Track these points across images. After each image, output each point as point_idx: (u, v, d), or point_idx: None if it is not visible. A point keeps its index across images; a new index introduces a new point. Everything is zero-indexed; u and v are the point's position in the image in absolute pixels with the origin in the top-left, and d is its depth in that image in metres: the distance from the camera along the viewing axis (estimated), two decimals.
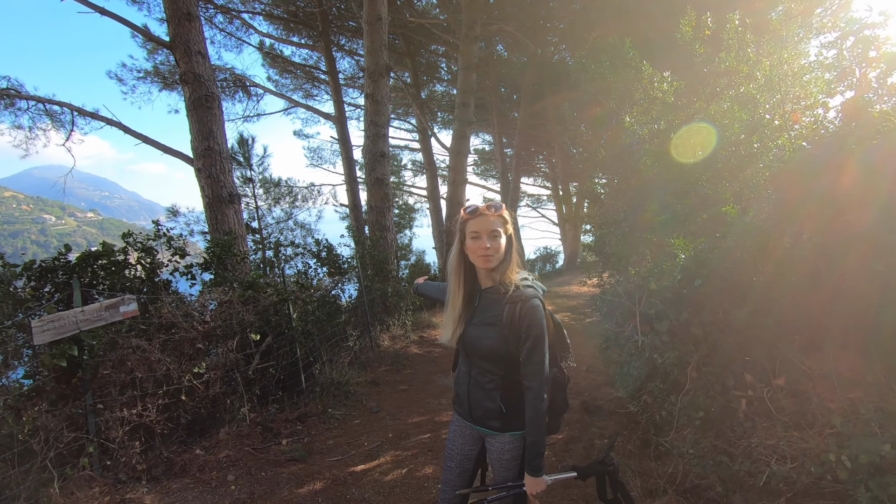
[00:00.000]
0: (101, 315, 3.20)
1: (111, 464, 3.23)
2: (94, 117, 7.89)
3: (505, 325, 1.62)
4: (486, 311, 1.70)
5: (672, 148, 4.32)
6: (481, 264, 1.65)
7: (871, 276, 2.26)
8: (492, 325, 1.66)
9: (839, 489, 1.96)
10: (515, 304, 1.61)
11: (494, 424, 1.72)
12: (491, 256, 1.62)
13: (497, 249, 1.63)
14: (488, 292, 1.71)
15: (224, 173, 6.24)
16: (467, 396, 1.76)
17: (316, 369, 5.29)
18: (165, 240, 4.56)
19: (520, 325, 1.60)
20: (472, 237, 1.64)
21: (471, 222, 1.65)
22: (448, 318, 1.76)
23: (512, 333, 1.62)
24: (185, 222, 10.04)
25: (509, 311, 1.62)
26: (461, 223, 1.70)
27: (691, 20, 4.69)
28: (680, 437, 2.84)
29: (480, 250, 1.62)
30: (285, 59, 15.21)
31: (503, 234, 1.65)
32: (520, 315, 1.60)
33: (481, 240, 1.62)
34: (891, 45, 3.77)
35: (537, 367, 1.59)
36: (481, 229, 1.62)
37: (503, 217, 1.67)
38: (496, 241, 1.63)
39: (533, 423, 1.60)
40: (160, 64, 11.97)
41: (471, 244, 1.65)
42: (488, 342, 1.65)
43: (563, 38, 16.12)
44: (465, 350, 1.76)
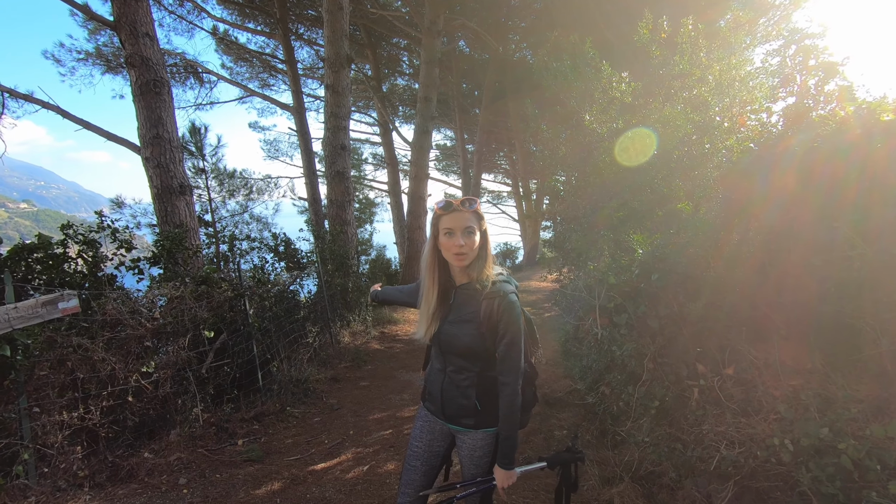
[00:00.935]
0: (38, 312, 2.96)
1: (49, 471, 3.01)
2: (28, 100, 7.30)
3: (482, 321, 1.60)
4: (462, 307, 1.66)
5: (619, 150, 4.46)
6: (455, 262, 1.60)
7: (811, 270, 2.41)
8: (469, 321, 1.63)
9: (783, 471, 2.08)
10: (493, 300, 1.59)
11: (468, 422, 1.70)
12: (465, 255, 1.57)
13: (471, 247, 1.58)
14: (464, 289, 1.67)
15: (174, 163, 5.93)
16: (440, 394, 1.73)
17: (274, 367, 5.14)
18: (110, 232, 4.29)
19: (498, 321, 1.59)
20: (445, 233, 1.59)
21: (444, 218, 1.60)
22: (422, 316, 1.71)
23: (489, 330, 1.60)
24: (131, 214, 9.48)
25: (487, 308, 1.60)
26: (434, 218, 1.65)
27: (648, 23, 4.85)
28: (636, 427, 2.95)
29: (454, 248, 1.57)
30: (240, 46, 14.61)
31: (477, 230, 1.60)
32: (498, 311, 1.58)
33: (455, 237, 1.57)
34: (828, 55, 4.03)
35: (514, 363, 1.59)
36: (455, 226, 1.57)
37: (478, 213, 1.63)
38: (470, 238, 1.57)
39: (508, 419, 1.59)
40: (103, 45, 11.24)
41: (444, 241, 1.59)
42: (465, 339, 1.62)
43: (524, 37, 16.32)
44: (440, 347, 1.72)
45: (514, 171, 24.78)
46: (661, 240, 3.21)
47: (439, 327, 1.68)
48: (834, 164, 2.42)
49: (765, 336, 2.56)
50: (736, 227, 2.82)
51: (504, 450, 1.62)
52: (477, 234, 1.60)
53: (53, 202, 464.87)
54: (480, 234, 1.62)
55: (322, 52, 13.72)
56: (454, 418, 1.72)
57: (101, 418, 3.30)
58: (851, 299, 2.21)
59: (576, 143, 5.38)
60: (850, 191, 2.31)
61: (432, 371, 1.81)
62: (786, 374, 2.39)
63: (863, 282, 2.18)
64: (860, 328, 2.19)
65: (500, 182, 28.91)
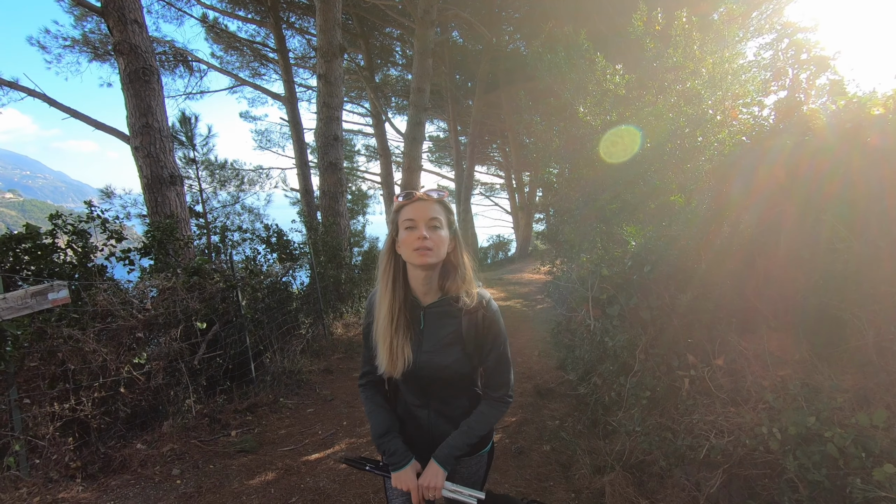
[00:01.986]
0: (27, 303, 2.93)
1: (40, 462, 3.00)
2: (12, 87, 7.16)
3: (467, 339, 1.37)
4: (437, 331, 1.38)
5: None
6: (416, 259, 1.28)
7: (799, 262, 2.44)
8: (451, 344, 1.38)
9: (770, 459, 2.12)
10: (476, 313, 1.37)
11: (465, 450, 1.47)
12: (430, 250, 1.28)
13: (437, 242, 1.29)
14: (435, 309, 1.39)
15: (164, 153, 5.86)
16: (427, 434, 1.45)
17: (267, 358, 5.14)
18: (100, 222, 4.24)
19: (485, 334, 1.38)
20: (406, 227, 1.30)
21: (405, 209, 1.32)
22: (382, 339, 1.37)
23: (476, 347, 1.39)
24: (120, 204, 9.36)
25: (470, 323, 1.37)
26: (394, 212, 1.37)
27: (642, 16, 4.85)
28: (627, 416, 2.99)
29: (415, 241, 1.27)
30: (231, 35, 14.39)
31: (445, 225, 1.33)
32: (483, 324, 1.38)
33: (417, 229, 1.28)
34: (820, 49, 4.06)
35: (505, 376, 1.42)
36: (418, 216, 1.29)
37: (446, 205, 1.36)
38: (436, 232, 1.30)
39: (487, 422, 1.42)
40: (90, 32, 11.02)
41: (404, 236, 1.30)
42: (453, 366, 1.37)
43: (518, 28, 16.25)
44: (418, 382, 1.42)
45: (507, 162, 24.78)
46: (654, 232, 3.24)
47: (413, 360, 1.37)
48: (823, 158, 2.45)
49: (753, 327, 2.60)
50: (726, 220, 2.85)
51: (456, 443, 1.38)
52: (445, 229, 1.33)
53: (40, 192, 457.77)
54: (450, 231, 1.35)
55: (314, 41, 13.56)
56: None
57: (92, 409, 3.29)
58: (838, 291, 2.25)
59: (569, 135, 5.38)
60: (838, 184, 2.35)
61: (409, 410, 1.49)
62: (774, 364, 2.43)
63: (849, 274, 2.22)
64: (846, 320, 2.23)
65: (493, 174, 28.92)
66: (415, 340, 1.39)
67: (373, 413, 1.49)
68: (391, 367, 1.37)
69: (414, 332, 1.39)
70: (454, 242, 1.38)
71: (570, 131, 5.38)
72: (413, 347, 1.38)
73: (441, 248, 1.31)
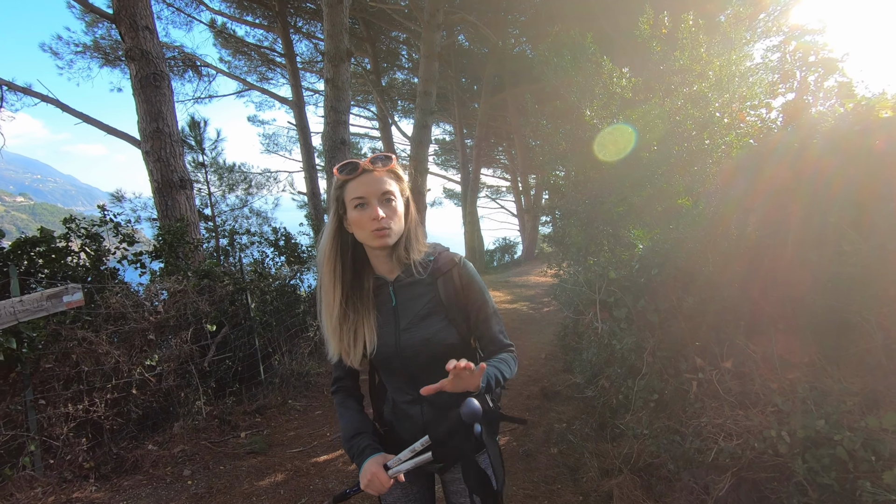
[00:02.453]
0: (43, 305, 2.99)
1: (55, 462, 3.05)
2: (26, 93, 7.29)
3: (448, 305, 1.23)
4: (411, 304, 1.24)
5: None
6: (375, 242, 1.16)
7: (807, 265, 2.44)
8: (430, 314, 1.23)
9: (779, 462, 2.12)
10: (450, 272, 1.24)
11: (467, 447, 1.25)
12: (388, 230, 1.15)
13: (394, 218, 1.17)
14: (402, 281, 1.25)
15: (175, 157, 5.93)
16: (424, 432, 1.22)
17: (275, 360, 5.18)
18: (112, 226, 4.31)
19: (467, 294, 1.24)
20: (355, 206, 1.15)
21: (351, 185, 1.16)
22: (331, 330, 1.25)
23: (459, 311, 1.24)
24: (130, 208, 9.47)
25: (445, 285, 1.23)
26: (335, 188, 1.20)
27: (649, 18, 4.85)
28: (635, 419, 2.99)
29: (371, 222, 1.13)
30: (239, 40, 14.54)
31: (399, 195, 1.20)
32: (461, 282, 1.24)
33: (370, 207, 1.14)
34: (828, 51, 4.05)
35: (501, 334, 1.29)
36: (368, 192, 1.14)
37: (395, 172, 1.21)
38: (391, 206, 1.16)
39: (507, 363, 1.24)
40: (101, 38, 11.20)
41: (355, 216, 1.15)
42: (439, 337, 1.21)
43: (524, 31, 16.27)
44: (405, 369, 1.25)
45: (513, 165, 24.77)
46: (661, 234, 3.24)
47: (395, 342, 1.22)
48: (831, 161, 2.46)
49: (762, 330, 2.60)
50: (733, 222, 2.85)
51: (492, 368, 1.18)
52: (399, 199, 1.19)
53: (50, 195, 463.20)
54: (403, 200, 1.22)
55: (321, 45, 13.68)
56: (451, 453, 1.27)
57: (105, 411, 3.34)
58: (847, 294, 2.25)
59: (576, 137, 5.39)
60: (847, 186, 2.35)
61: (398, 410, 1.32)
62: (783, 367, 2.43)
63: (858, 276, 2.21)
64: (856, 322, 2.22)
65: (499, 177, 28.91)
66: (391, 321, 1.24)
67: (343, 417, 1.34)
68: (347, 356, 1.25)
69: (383, 312, 1.25)
70: (408, 210, 1.24)
71: (577, 134, 5.38)
72: (390, 329, 1.23)
73: (399, 223, 1.19)
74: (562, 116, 5.99)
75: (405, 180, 1.24)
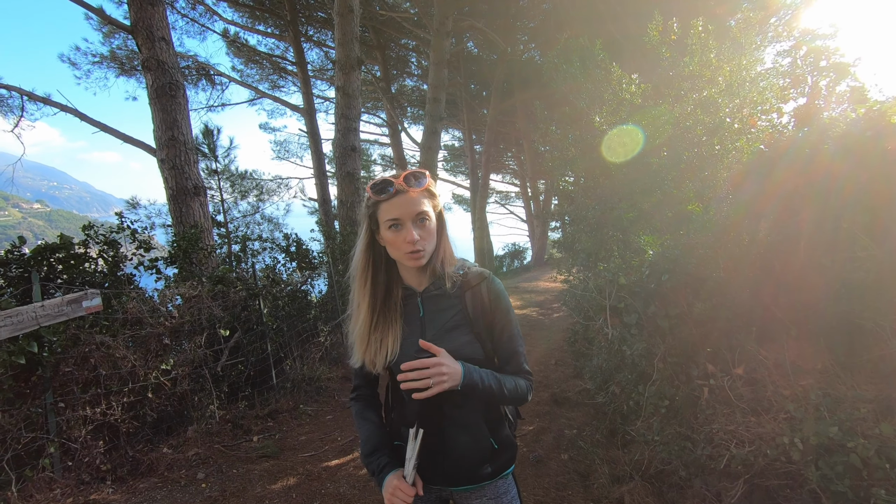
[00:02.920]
0: (63, 310, 3.06)
1: (73, 464, 3.12)
2: (46, 102, 7.47)
3: (474, 319, 1.23)
4: (439, 315, 1.24)
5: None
6: (410, 262, 1.17)
7: (820, 270, 2.43)
8: (457, 326, 1.22)
9: (792, 469, 2.11)
10: (479, 286, 1.24)
11: (486, 471, 1.24)
12: (422, 251, 1.15)
13: (429, 238, 1.17)
14: (430, 292, 1.25)
15: (189, 164, 6.04)
16: (441, 450, 1.23)
17: (287, 365, 5.23)
18: (129, 232, 4.40)
19: (494, 309, 1.24)
20: (390, 226, 1.15)
21: (385, 206, 1.15)
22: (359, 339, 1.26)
23: (485, 326, 1.24)
24: (145, 215, 9.65)
25: (473, 299, 1.23)
26: (369, 206, 1.20)
27: (658, 24, 4.87)
28: (646, 426, 2.98)
29: (407, 245, 1.14)
30: (251, 49, 14.77)
31: (432, 212, 1.18)
32: (489, 297, 1.24)
33: (405, 229, 1.13)
34: (839, 56, 4.04)
35: (522, 359, 1.27)
36: (402, 214, 1.13)
37: (430, 191, 1.19)
38: (426, 227, 1.16)
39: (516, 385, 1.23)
40: (117, 48, 11.47)
41: (390, 236, 1.16)
42: (463, 351, 1.20)
43: (532, 38, 16.33)
44: None
45: (522, 171, 24.78)
46: (671, 240, 3.24)
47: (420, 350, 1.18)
48: (843, 166, 2.45)
49: (774, 336, 2.59)
50: (745, 228, 2.85)
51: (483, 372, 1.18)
52: (432, 219, 1.18)
53: (66, 202, 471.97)
54: (436, 217, 1.21)
55: (332, 53, 13.86)
56: (468, 475, 1.24)
57: (122, 414, 3.40)
58: (860, 299, 2.23)
59: (585, 143, 5.40)
60: (859, 192, 2.34)
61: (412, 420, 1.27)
62: (795, 373, 2.42)
63: (872, 282, 2.20)
64: (869, 328, 2.21)
65: (508, 182, 28.94)
66: (416, 332, 1.23)
67: (361, 428, 1.33)
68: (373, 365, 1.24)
69: (410, 323, 1.25)
70: (440, 225, 1.23)
71: (586, 139, 5.39)
72: (415, 340, 1.20)
73: (432, 242, 1.19)
74: (571, 122, 6.01)
75: (438, 196, 1.23)
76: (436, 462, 1.24)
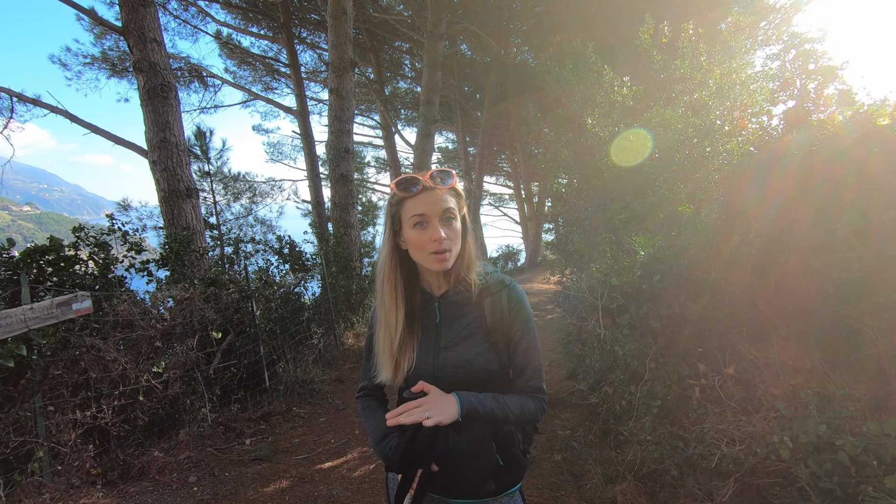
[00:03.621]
0: (52, 313, 3.03)
1: (62, 468, 3.08)
2: (35, 104, 7.39)
3: (492, 327, 1.17)
4: (455, 322, 1.19)
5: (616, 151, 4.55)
6: (435, 265, 1.11)
7: (810, 272, 2.46)
8: (473, 334, 1.17)
9: (782, 467, 2.13)
10: (500, 294, 1.19)
11: (489, 488, 1.18)
12: (448, 252, 1.10)
13: (455, 239, 1.12)
14: (449, 297, 1.21)
15: (181, 166, 6.01)
16: (447, 462, 1.15)
17: (280, 367, 5.20)
18: (120, 234, 4.36)
19: (513, 318, 1.18)
20: (414, 224, 1.10)
21: (410, 203, 1.11)
22: (383, 349, 1.20)
23: (502, 335, 1.18)
24: (136, 217, 9.55)
25: (492, 306, 1.18)
26: (393, 205, 1.16)
27: (649, 28, 4.91)
28: (638, 426, 2.99)
29: (432, 244, 1.08)
30: (244, 50, 14.73)
31: (458, 213, 1.14)
32: (509, 305, 1.18)
33: (431, 227, 1.08)
34: (827, 59, 4.09)
35: (539, 373, 1.21)
36: (429, 211, 1.09)
37: (456, 190, 1.15)
38: (452, 227, 1.11)
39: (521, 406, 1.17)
40: (109, 49, 11.39)
41: (414, 235, 1.10)
42: (478, 360, 1.15)
43: (526, 41, 16.41)
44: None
45: (515, 173, 24.87)
46: (663, 241, 3.27)
47: (434, 358, 1.17)
48: (832, 168, 2.48)
49: (765, 336, 2.61)
50: (736, 229, 2.88)
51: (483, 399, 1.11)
52: (458, 219, 1.14)
53: (56, 205, 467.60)
54: (461, 218, 1.16)
55: (325, 55, 13.83)
56: (472, 490, 1.18)
57: (112, 417, 3.37)
58: (850, 300, 2.26)
59: (578, 145, 5.43)
60: (849, 194, 2.36)
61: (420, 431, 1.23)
62: (785, 373, 2.44)
63: (861, 283, 2.23)
64: (859, 328, 2.23)
65: (501, 184, 29.05)
66: (432, 338, 1.19)
67: (370, 419, 1.28)
68: (394, 371, 1.19)
69: (426, 328, 1.21)
70: (465, 227, 1.17)
71: (579, 142, 5.43)
72: (430, 346, 1.18)
73: (458, 244, 1.13)
74: (564, 125, 6.05)
75: (463, 197, 1.19)
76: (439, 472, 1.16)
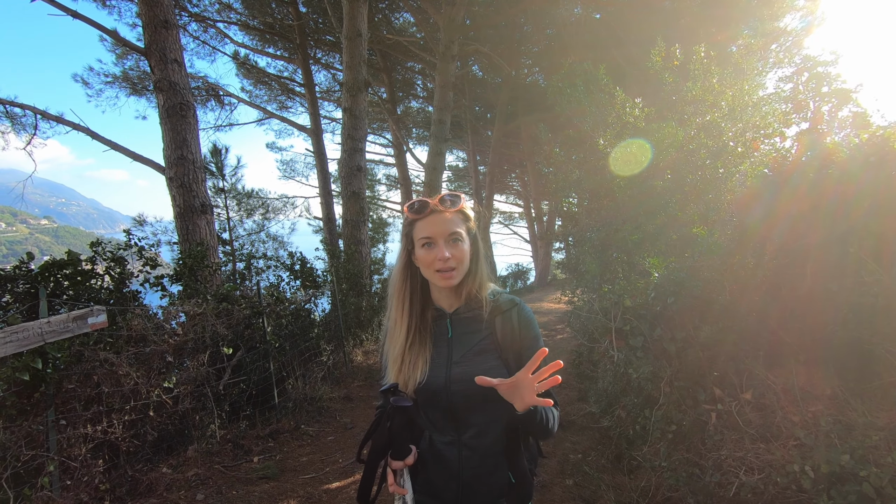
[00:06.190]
0: (69, 326, 3.07)
1: (72, 483, 3.07)
2: (58, 121, 7.60)
3: (504, 345, 1.22)
4: (467, 339, 1.24)
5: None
6: (441, 282, 1.19)
7: (827, 295, 2.42)
8: (486, 351, 1.22)
9: (803, 498, 2.06)
10: (510, 312, 1.24)
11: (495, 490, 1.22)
12: (454, 270, 1.18)
13: (460, 258, 1.18)
14: (460, 314, 1.26)
15: (197, 183, 6.11)
16: (457, 476, 1.20)
17: (289, 384, 5.19)
18: (136, 250, 4.43)
19: (523, 337, 1.22)
20: (423, 245, 1.19)
21: (419, 224, 1.20)
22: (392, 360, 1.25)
23: (513, 353, 1.22)
24: (151, 232, 9.69)
25: (503, 324, 1.23)
26: (405, 225, 1.25)
27: (661, 50, 4.95)
28: (653, 451, 2.93)
29: (437, 262, 1.16)
30: (260, 70, 15.08)
31: (466, 235, 1.21)
32: (519, 324, 1.23)
33: (437, 247, 1.17)
34: (841, 82, 4.09)
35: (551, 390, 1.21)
36: (436, 233, 1.17)
37: (464, 212, 1.23)
38: (458, 248, 1.18)
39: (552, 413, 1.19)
40: (129, 69, 11.73)
41: (422, 254, 1.19)
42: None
43: (536, 62, 16.63)
44: (448, 407, 1.20)
45: (525, 192, 24.92)
46: (676, 263, 3.24)
47: (446, 372, 1.20)
48: (848, 190, 2.46)
49: (782, 361, 2.56)
50: (750, 251, 2.85)
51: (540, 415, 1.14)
52: (466, 240, 1.21)
53: (73, 219, 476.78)
54: (470, 240, 1.23)
55: (339, 75, 14.13)
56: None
57: (123, 432, 3.37)
58: (869, 324, 2.22)
59: (589, 165, 5.45)
60: (865, 217, 2.34)
61: (433, 447, 1.25)
62: (804, 399, 2.39)
63: (880, 308, 2.19)
64: (879, 354, 2.19)
65: (511, 203, 29.08)
66: (443, 353, 1.24)
67: None
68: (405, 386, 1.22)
69: (438, 344, 1.25)
70: (475, 248, 1.24)
71: (590, 162, 5.44)
72: (442, 360, 1.22)
73: (464, 263, 1.20)
74: (575, 144, 6.07)
75: (473, 219, 1.26)
76: (448, 488, 1.22)
